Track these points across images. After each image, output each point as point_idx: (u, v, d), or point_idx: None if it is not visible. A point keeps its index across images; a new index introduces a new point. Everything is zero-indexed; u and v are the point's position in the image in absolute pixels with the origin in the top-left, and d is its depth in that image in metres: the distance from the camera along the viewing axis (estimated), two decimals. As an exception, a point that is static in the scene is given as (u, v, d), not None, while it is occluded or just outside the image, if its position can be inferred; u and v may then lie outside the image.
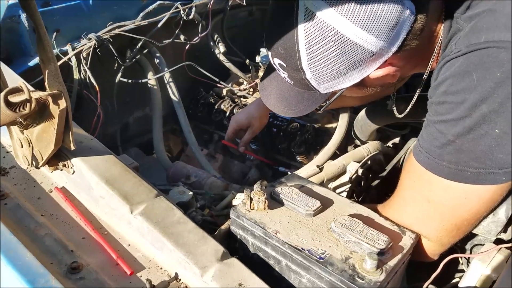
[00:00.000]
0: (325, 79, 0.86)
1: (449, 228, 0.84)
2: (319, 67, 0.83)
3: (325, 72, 0.84)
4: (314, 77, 0.86)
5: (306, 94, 0.93)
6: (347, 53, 0.80)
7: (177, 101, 1.63)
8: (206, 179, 1.36)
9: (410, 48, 0.81)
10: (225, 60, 1.86)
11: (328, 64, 0.82)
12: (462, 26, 0.77)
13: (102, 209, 0.99)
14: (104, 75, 1.59)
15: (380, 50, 0.79)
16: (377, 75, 0.85)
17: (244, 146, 1.50)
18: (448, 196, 0.80)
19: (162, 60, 1.66)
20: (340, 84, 0.87)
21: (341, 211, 0.92)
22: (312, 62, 0.83)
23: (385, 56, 0.81)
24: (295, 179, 1.03)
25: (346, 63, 0.81)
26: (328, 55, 0.80)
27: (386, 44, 0.79)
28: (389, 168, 1.43)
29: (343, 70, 0.83)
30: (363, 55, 0.80)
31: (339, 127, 1.42)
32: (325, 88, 0.89)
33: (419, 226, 0.86)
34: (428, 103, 0.82)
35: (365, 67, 0.82)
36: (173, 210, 0.90)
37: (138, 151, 1.78)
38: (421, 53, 0.85)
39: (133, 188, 0.95)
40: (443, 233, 0.85)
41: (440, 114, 0.77)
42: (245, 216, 0.88)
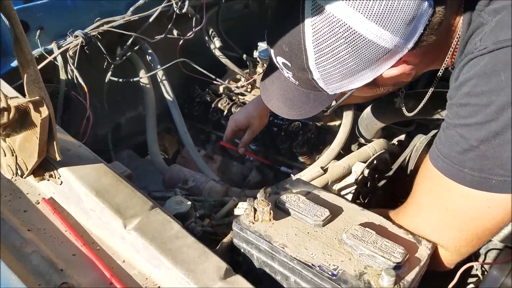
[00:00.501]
0: (334, 79, 0.79)
1: (469, 238, 0.77)
2: (328, 67, 0.76)
3: (334, 72, 0.77)
4: (322, 78, 0.79)
5: (312, 95, 0.86)
6: (359, 50, 0.72)
7: (171, 100, 1.55)
8: (204, 184, 1.29)
9: (427, 44, 0.74)
10: (221, 56, 1.78)
11: (338, 63, 0.75)
12: (486, 20, 0.70)
13: (93, 222, 0.92)
14: (93, 74, 1.50)
15: (395, 47, 0.72)
16: (391, 74, 0.78)
17: (244, 147, 1.42)
18: (469, 204, 0.74)
19: (155, 57, 1.58)
20: (350, 85, 0.80)
21: (352, 219, 0.85)
22: (320, 61, 0.76)
23: (400, 54, 0.74)
24: (301, 184, 0.96)
25: (358, 62, 0.74)
26: (338, 54, 0.73)
27: (402, 40, 0.71)
28: (395, 167, 1.37)
29: (355, 69, 0.76)
30: (376, 52, 0.73)
31: (343, 125, 1.35)
32: (333, 88, 0.82)
33: (436, 235, 0.80)
34: (448, 105, 0.75)
35: (379, 65, 0.75)
36: (170, 223, 0.83)
37: (131, 153, 1.70)
38: (438, 49, 0.78)
39: (126, 200, 0.87)
40: (462, 243, 0.78)
41: (462, 117, 0.70)
42: (249, 229, 0.81)
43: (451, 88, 0.74)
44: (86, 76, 1.43)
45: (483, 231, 0.77)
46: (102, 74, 1.52)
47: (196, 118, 1.74)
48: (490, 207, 0.72)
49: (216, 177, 1.42)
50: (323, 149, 1.45)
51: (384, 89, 0.85)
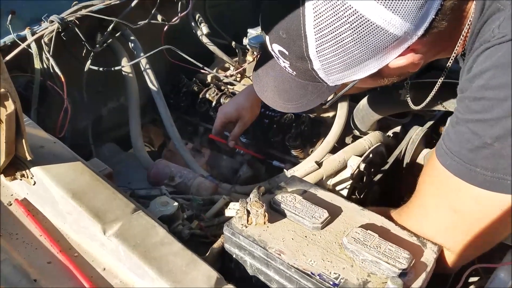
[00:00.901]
0: (337, 69, 0.72)
1: (478, 241, 0.72)
2: (330, 56, 0.69)
3: (337, 62, 0.70)
4: (323, 68, 0.72)
5: (310, 86, 0.79)
6: (365, 38, 0.65)
7: (156, 91, 1.46)
8: (192, 180, 1.21)
9: (437, 30, 0.67)
10: (209, 43, 1.69)
11: (341, 52, 0.68)
12: (503, 5, 0.63)
13: (70, 226, 0.85)
14: (71, 63, 1.41)
15: (404, 34, 0.65)
16: (398, 64, 0.71)
17: (234, 141, 1.34)
18: (480, 207, 0.68)
19: (138, 44, 1.48)
20: (353, 75, 0.73)
21: (352, 221, 0.79)
22: (322, 50, 0.68)
23: (409, 41, 0.67)
24: (296, 182, 0.90)
25: (363, 50, 0.67)
26: (342, 41, 0.66)
27: (412, 26, 0.64)
28: (391, 161, 1.31)
29: (359, 58, 0.69)
30: (384, 40, 0.66)
31: (338, 117, 1.29)
32: (334, 80, 0.75)
33: (443, 238, 0.74)
34: (459, 98, 0.69)
35: (385, 54, 0.68)
36: (154, 228, 0.76)
37: (114, 147, 1.61)
38: (447, 37, 0.71)
39: (105, 202, 0.80)
40: (470, 246, 0.73)
41: (475, 112, 0.64)
42: (241, 234, 0.74)
43: (463, 80, 0.68)
44: (64, 65, 1.34)
45: (494, 235, 0.72)
46: (81, 62, 1.42)
47: (182, 109, 1.65)
48: (503, 209, 0.67)
49: (205, 172, 1.35)
50: (317, 142, 1.38)
51: (389, 80, 0.79)
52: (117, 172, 1.54)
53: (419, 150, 1.38)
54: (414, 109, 0.95)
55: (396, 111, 1.25)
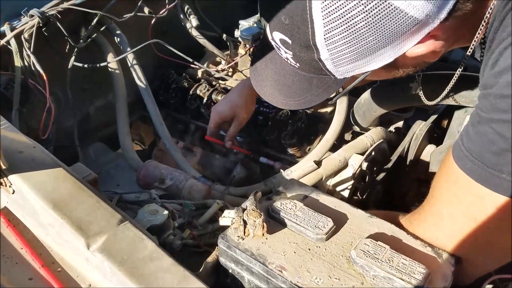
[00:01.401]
0: (347, 59, 0.64)
1: (500, 253, 0.66)
2: (340, 43, 0.61)
3: (348, 50, 0.62)
4: (331, 57, 0.64)
5: (315, 80, 0.71)
6: (382, 22, 0.58)
7: (144, 87, 1.38)
8: (184, 182, 1.14)
9: (461, 13, 0.60)
10: (199, 36, 1.61)
11: (353, 39, 0.60)
12: None
13: (53, 238, 0.78)
14: (55, 59, 1.33)
15: (426, 17, 0.58)
16: (417, 52, 0.63)
17: (231, 141, 1.27)
18: (504, 216, 0.61)
19: (124, 39, 1.40)
20: (366, 66, 0.65)
21: (359, 230, 0.73)
22: (331, 36, 0.61)
23: (430, 26, 0.60)
24: (295, 186, 0.83)
25: (378, 37, 0.60)
26: (354, 26, 0.59)
27: (435, 8, 0.57)
28: (394, 158, 1.26)
29: (374, 46, 0.61)
30: (403, 24, 0.58)
31: (337, 113, 1.22)
32: (344, 71, 0.67)
33: (461, 249, 0.68)
34: (482, 94, 0.62)
35: (403, 41, 0.61)
36: (142, 241, 0.69)
37: (102, 147, 1.53)
38: (470, 22, 0.64)
39: (89, 212, 0.73)
40: (490, 258, 0.67)
41: (502, 111, 0.58)
42: (238, 247, 0.67)
43: (488, 75, 0.61)
44: (46, 61, 1.26)
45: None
46: (64, 59, 1.33)
47: (172, 106, 1.57)
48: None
49: (197, 173, 1.28)
50: (315, 139, 1.32)
51: (404, 72, 0.71)
52: (105, 174, 1.48)
53: (423, 146, 1.32)
54: (427, 104, 0.89)
55: (404, 106, 1.18)
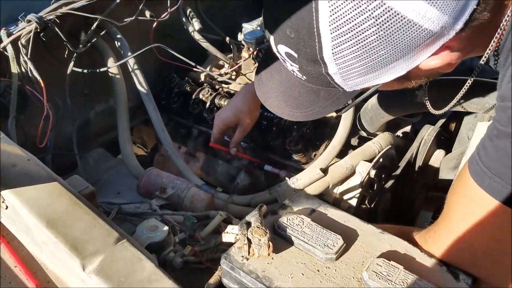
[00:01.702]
0: (357, 73, 0.60)
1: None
2: (349, 57, 0.58)
3: (357, 64, 0.59)
4: (340, 72, 0.60)
5: (323, 92, 0.67)
6: (394, 35, 0.54)
7: (145, 92, 1.35)
8: (186, 191, 1.11)
9: (478, 23, 0.56)
10: (201, 39, 1.57)
11: (363, 53, 0.57)
12: None
13: (47, 257, 0.74)
14: (54, 65, 1.30)
15: (441, 29, 0.54)
16: (431, 65, 0.59)
17: (236, 147, 1.24)
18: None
19: (125, 43, 1.36)
20: (376, 79, 0.61)
21: (370, 248, 0.69)
22: (340, 51, 0.57)
23: (446, 37, 0.56)
24: (302, 199, 0.79)
25: (390, 51, 0.56)
26: (364, 40, 0.55)
27: (450, 19, 0.53)
28: (403, 165, 1.22)
29: (385, 60, 0.57)
30: (417, 37, 0.54)
31: (343, 119, 1.18)
32: (353, 85, 0.64)
33: (478, 268, 0.64)
34: (500, 107, 0.58)
35: (417, 54, 0.57)
36: (141, 261, 0.66)
37: (103, 152, 1.50)
38: (485, 31, 0.60)
39: (85, 231, 0.69)
40: (510, 279, 0.63)
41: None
42: (242, 269, 0.64)
43: (506, 87, 0.57)
44: (46, 67, 1.23)
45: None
46: (64, 64, 1.30)
47: (175, 111, 1.54)
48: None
49: (199, 181, 1.24)
50: (320, 145, 1.28)
51: (416, 83, 0.67)
52: (106, 180, 1.45)
53: (432, 151, 1.28)
54: (433, 113, 0.85)
55: (413, 112, 1.14)
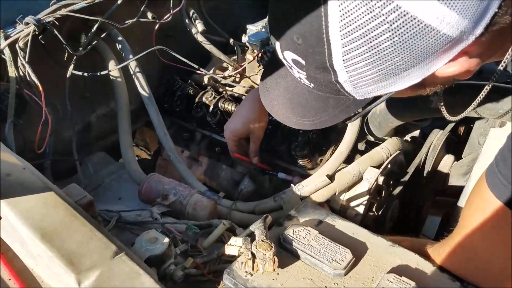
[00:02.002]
0: (369, 81, 0.57)
1: None
2: (361, 65, 0.54)
3: (370, 72, 0.55)
4: (350, 80, 0.57)
5: (332, 100, 0.64)
6: (410, 41, 0.50)
7: (147, 96, 1.32)
8: (188, 198, 1.08)
9: (499, 28, 0.52)
10: (205, 41, 1.54)
11: (376, 60, 0.53)
12: None
13: (43, 269, 0.71)
14: (54, 68, 1.27)
15: (460, 34, 0.50)
16: (449, 72, 0.56)
17: (257, 156, 1.22)
18: None
19: (126, 45, 1.33)
20: (389, 87, 0.58)
21: (380, 262, 0.65)
22: (351, 58, 0.53)
23: (464, 43, 0.52)
24: (309, 210, 0.76)
25: (405, 57, 0.52)
26: (378, 46, 0.51)
27: (470, 24, 0.50)
28: (411, 171, 1.18)
29: (399, 67, 0.54)
30: (435, 43, 0.51)
31: (351, 124, 1.14)
32: (365, 93, 0.60)
33: (494, 285, 0.60)
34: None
35: (433, 60, 0.53)
36: (139, 276, 0.62)
37: (104, 156, 1.47)
38: (505, 36, 0.56)
39: (81, 244, 0.66)
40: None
41: None
42: (245, 285, 0.60)
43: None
44: (45, 70, 1.21)
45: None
46: (64, 68, 1.27)
47: (178, 114, 1.51)
48: None
49: (203, 187, 1.21)
50: (327, 150, 1.24)
51: (431, 90, 0.64)
52: (107, 185, 1.42)
53: (441, 157, 1.24)
54: (448, 119, 0.81)
55: (423, 118, 1.11)
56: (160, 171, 1.53)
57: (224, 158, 1.41)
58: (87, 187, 1.24)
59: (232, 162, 1.38)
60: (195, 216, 1.06)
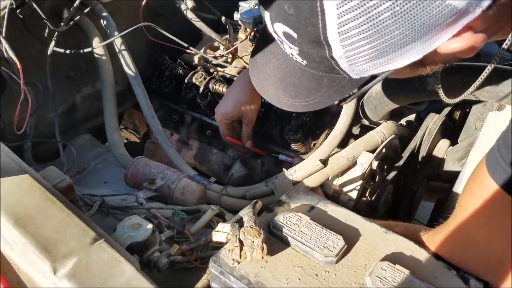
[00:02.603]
0: (366, 57, 0.52)
1: None
2: (358, 38, 0.50)
3: (367, 47, 0.50)
4: (346, 56, 0.52)
5: (326, 79, 0.59)
6: (412, 12, 0.46)
7: (133, 76, 1.27)
8: (176, 182, 1.04)
9: (507, 1, 0.48)
10: (195, 18, 1.47)
11: (374, 33, 0.49)
12: None
13: (18, 256, 0.67)
14: (35, 45, 1.21)
15: (467, 6, 0.46)
16: (452, 48, 0.51)
17: (250, 139, 1.18)
18: None
19: (111, 21, 1.27)
20: (388, 64, 0.53)
21: (374, 249, 0.62)
22: (347, 30, 0.49)
23: (470, 16, 0.48)
24: (300, 195, 0.73)
25: (407, 30, 0.48)
26: (376, 18, 0.47)
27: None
28: (406, 155, 1.15)
29: (400, 42, 0.49)
30: (439, 15, 0.46)
31: (345, 107, 1.10)
32: (361, 71, 0.55)
33: (492, 274, 0.58)
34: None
35: (436, 34, 0.49)
36: (120, 264, 0.59)
37: (90, 139, 1.42)
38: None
39: (57, 230, 0.62)
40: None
41: None
42: (232, 273, 0.57)
43: None
44: (25, 48, 1.15)
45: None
46: (46, 45, 1.21)
47: (167, 95, 1.46)
48: None
49: (192, 171, 1.18)
50: (320, 134, 1.20)
51: (431, 69, 0.59)
52: (93, 169, 1.37)
53: (436, 141, 1.21)
54: (446, 102, 0.77)
55: (420, 100, 1.07)
56: (149, 154, 1.49)
57: (215, 142, 1.37)
58: (71, 170, 1.19)
59: (224, 146, 1.34)
60: (184, 201, 1.02)
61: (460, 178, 1.03)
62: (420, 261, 0.61)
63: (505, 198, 0.53)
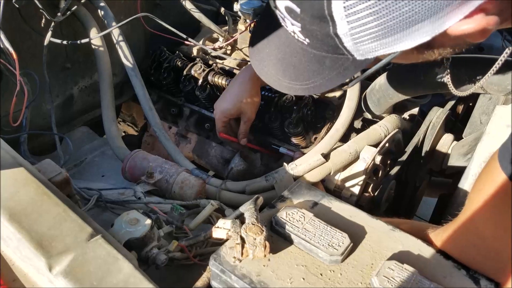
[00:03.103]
0: (372, 35, 0.50)
1: None
2: (364, 14, 0.47)
3: (374, 24, 0.48)
4: (351, 33, 0.50)
5: (328, 60, 0.57)
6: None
7: (131, 67, 1.24)
8: (175, 176, 1.02)
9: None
10: (194, 9, 1.44)
11: (383, 9, 0.46)
12: None
13: (14, 252, 0.65)
14: (31, 35, 1.18)
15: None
16: (462, 30, 0.49)
17: (246, 137, 1.16)
18: None
19: (108, 12, 1.24)
20: (394, 45, 0.51)
21: (380, 247, 0.61)
22: (353, 5, 0.46)
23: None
24: (303, 190, 0.71)
25: (417, 7, 0.45)
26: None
27: None
28: (409, 150, 1.13)
29: (409, 20, 0.47)
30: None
31: (348, 99, 1.08)
32: (366, 51, 0.53)
33: (504, 274, 0.56)
34: None
35: (447, 14, 0.46)
36: (117, 261, 0.57)
37: (87, 131, 1.40)
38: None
39: (53, 226, 0.60)
40: None
41: None
42: (233, 272, 0.55)
43: None
44: (22, 38, 1.13)
45: None
46: (42, 35, 1.19)
47: (165, 88, 1.43)
48: None
49: (191, 165, 1.15)
50: (322, 127, 1.18)
51: (439, 54, 0.57)
52: (90, 162, 1.35)
53: (440, 136, 1.19)
54: (455, 94, 0.75)
55: (427, 93, 1.04)
56: (147, 148, 1.47)
57: (214, 135, 1.34)
58: (67, 163, 1.17)
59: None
60: (182, 196, 1.00)
61: (466, 173, 1.01)
62: (428, 260, 0.60)
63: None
